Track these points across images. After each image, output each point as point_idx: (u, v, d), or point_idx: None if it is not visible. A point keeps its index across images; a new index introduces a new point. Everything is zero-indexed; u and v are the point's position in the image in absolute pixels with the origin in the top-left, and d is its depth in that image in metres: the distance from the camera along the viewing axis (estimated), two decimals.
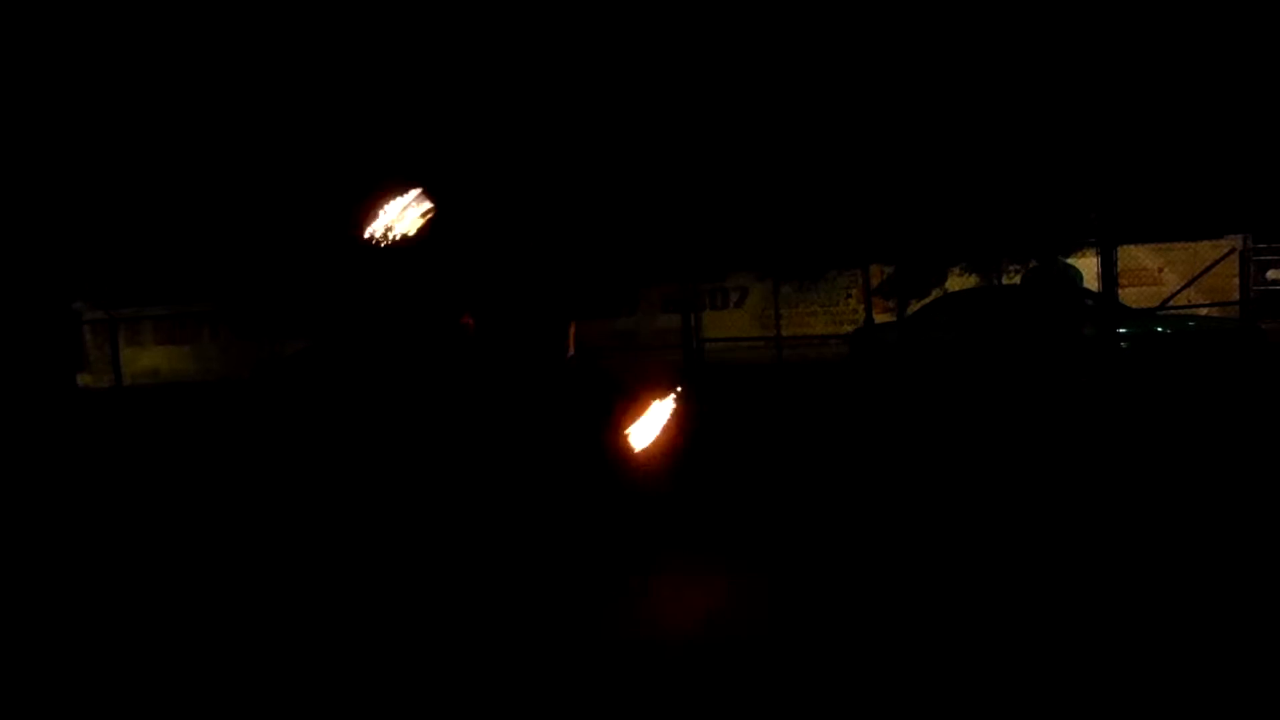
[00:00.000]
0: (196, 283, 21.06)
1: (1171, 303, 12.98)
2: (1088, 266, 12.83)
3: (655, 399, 4.52)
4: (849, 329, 16.33)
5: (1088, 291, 12.89)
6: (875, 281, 16.25)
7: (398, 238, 4.57)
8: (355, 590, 4.72)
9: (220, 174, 18.12)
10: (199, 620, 4.42)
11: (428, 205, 4.55)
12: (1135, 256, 16.39)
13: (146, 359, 23.26)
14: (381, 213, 4.52)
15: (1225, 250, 14.50)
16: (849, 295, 20.54)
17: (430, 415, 11.87)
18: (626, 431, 4.44)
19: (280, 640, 4.08)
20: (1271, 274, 17.42)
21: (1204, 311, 13.10)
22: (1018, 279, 16.29)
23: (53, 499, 8.02)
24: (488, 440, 4.27)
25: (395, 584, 4.76)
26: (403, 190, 4.54)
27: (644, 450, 4.47)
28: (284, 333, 20.44)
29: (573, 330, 4.89)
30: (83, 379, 21.83)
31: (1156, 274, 18.51)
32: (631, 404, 4.51)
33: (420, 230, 4.61)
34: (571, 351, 4.86)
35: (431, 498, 6.90)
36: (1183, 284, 13.77)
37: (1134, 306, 12.98)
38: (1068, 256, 15.73)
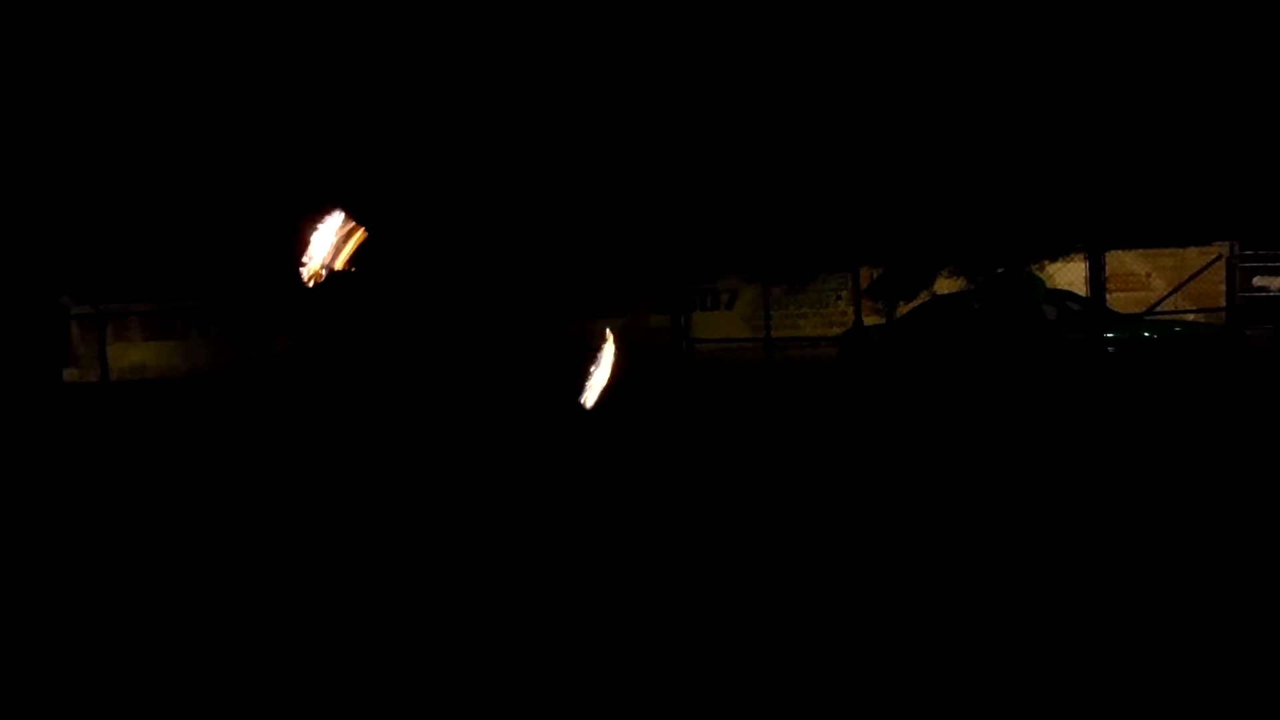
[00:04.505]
0: (186, 278, 20.94)
1: (1159, 308, 13.06)
2: (1076, 271, 12.89)
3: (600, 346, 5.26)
4: (838, 331, 16.36)
5: (1053, 294, 12.94)
6: (864, 284, 16.29)
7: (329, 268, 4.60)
8: (348, 587, 4.71)
9: (210, 169, 18.05)
10: (188, 619, 4.40)
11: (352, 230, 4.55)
12: (1123, 262, 16.48)
13: (134, 354, 23.10)
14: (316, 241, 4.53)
15: (1212, 257, 14.62)
16: (838, 297, 20.56)
17: (422, 413, 11.80)
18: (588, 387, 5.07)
19: (269, 640, 4.07)
20: (1258, 280, 17.52)
21: (1191, 317, 13.19)
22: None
23: (38, 494, 7.96)
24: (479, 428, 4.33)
25: (388, 581, 4.75)
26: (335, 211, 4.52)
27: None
28: (273, 329, 20.35)
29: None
30: (69, 374, 21.69)
31: (1144, 279, 18.60)
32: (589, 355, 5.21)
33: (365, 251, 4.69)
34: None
35: (425, 493, 6.87)
36: (1170, 290, 13.86)
37: (1122, 311, 13.06)
38: (1055, 261, 15.81)
